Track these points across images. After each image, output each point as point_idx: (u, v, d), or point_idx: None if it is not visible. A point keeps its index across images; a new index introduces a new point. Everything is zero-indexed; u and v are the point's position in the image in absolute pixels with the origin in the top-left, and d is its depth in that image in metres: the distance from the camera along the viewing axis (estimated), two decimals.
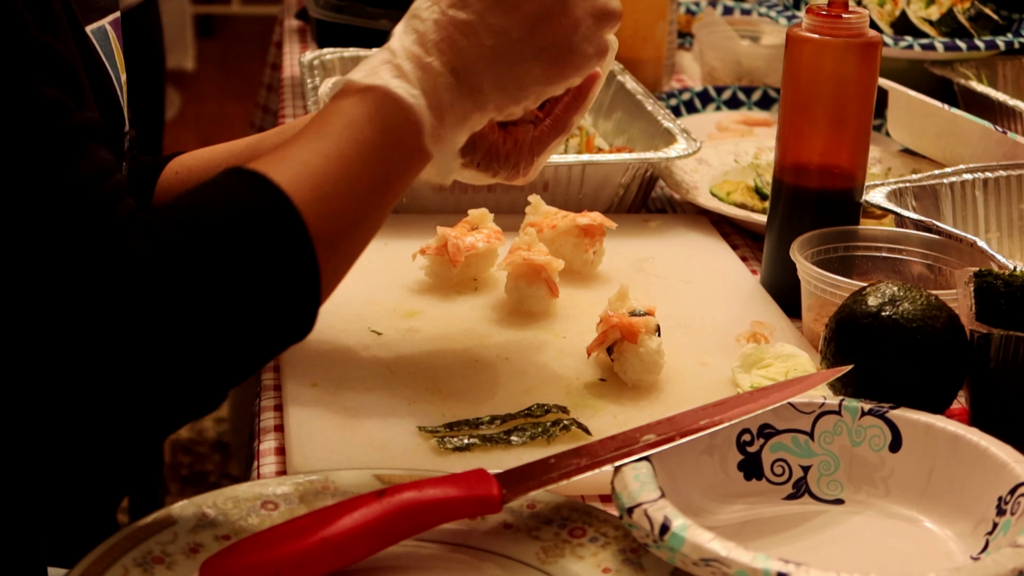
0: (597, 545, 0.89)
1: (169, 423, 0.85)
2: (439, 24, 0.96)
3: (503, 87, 0.98)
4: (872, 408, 0.96)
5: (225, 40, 5.96)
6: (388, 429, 1.04)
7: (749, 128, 1.85)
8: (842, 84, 1.23)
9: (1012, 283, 1.00)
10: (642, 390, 1.11)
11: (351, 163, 0.90)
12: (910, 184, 1.31)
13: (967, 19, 1.80)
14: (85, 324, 0.79)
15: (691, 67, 2.17)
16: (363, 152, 0.91)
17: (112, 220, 0.81)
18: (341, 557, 0.84)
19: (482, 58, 0.96)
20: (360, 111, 0.92)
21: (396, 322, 1.20)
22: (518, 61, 0.98)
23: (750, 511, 0.95)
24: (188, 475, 2.95)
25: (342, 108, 0.93)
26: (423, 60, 0.94)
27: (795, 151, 1.26)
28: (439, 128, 0.94)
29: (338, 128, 0.91)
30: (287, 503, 0.91)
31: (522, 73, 0.98)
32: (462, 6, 0.97)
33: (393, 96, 0.93)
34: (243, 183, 0.87)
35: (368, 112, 0.92)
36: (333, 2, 2.00)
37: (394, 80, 0.93)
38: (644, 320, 1.12)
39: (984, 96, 1.63)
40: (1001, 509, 0.89)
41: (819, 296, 1.18)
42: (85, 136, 0.84)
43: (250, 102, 2.77)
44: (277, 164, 0.88)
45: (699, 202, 1.49)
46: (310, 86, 1.64)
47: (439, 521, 0.87)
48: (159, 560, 0.85)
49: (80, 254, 0.79)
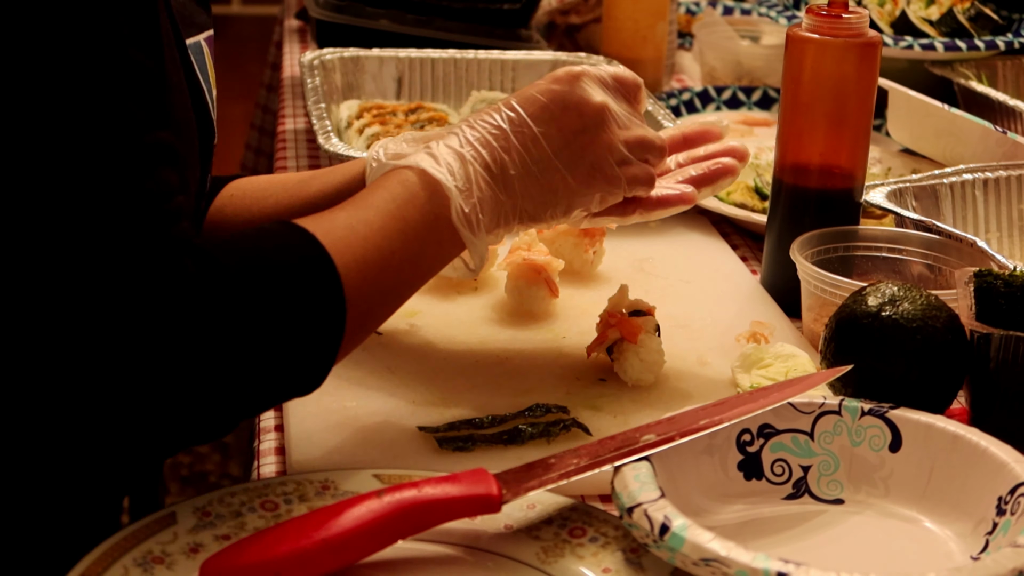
0: (597, 545, 0.89)
1: (171, 443, 0.88)
2: (478, 126, 1.02)
3: (534, 191, 1.02)
4: (872, 408, 0.96)
5: (225, 40, 5.95)
6: (388, 429, 1.04)
7: (749, 128, 1.85)
8: (842, 84, 1.23)
9: (1012, 283, 1.00)
10: (642, 390, 1.11)
11: (390, 236, 0.96)
12: (910, 184, 1.31)
13: (967, 19, 1.80)
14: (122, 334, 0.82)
15: (691, 67, 2.17)
16: (401, 228, 0.96)
17: (166, 239, 0.85)
18: (341, 557, 0.84)
19: (516, 160, 1.01)
20: (400, 189, 0.98)
21: (396, 322, 1.20)
22: (550, 169, 1.03)
23: (750, 511, 0.95)
24: (188, 475, 2.95)
25: (386, 184, 0.99)
26: (458, 150, 1.00)
27: (795, 151, 1.26)
28: (470, 211, 0.99)
29: (380, 202, 0.97)
30: (287, 503, 0.91)
31: (554, 181, 1.03)
32: (500, 115, 1.02)
33: (426, 175, 0.98)
34: (294, 236, 0.91)
35: (407, 190, 0.98)
36: (333, 2, 2.00)
37: (428, 161, 0.99)
38: (644, 320, 1.12)
39: (984, 96, 1.63)
40: (1001, 509, 0.89)
41: (819, 296, 1.18)
42: (157, 156, 0.87)
43: (250, 102, 2.77)
44: (325, 226, 0.93)
45: (699, 202, 1.48)
46: (310, 86, 1.64)
47: (439, 521, 0.87)
48: (159, 560, 0.85)
49: (131, 266, 0.83)
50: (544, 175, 1.02)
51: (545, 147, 1.02)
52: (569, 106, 1.03)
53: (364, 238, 0.94)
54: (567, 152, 1.03)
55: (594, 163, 1.04)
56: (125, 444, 0.86)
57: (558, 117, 1.03)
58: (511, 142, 1.01)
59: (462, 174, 0.99)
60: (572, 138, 1.03)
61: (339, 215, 0.95)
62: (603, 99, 1.05)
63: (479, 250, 1.01)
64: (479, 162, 1.00)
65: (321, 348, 0.91)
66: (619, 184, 1.05)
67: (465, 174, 0.99)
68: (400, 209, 0.97)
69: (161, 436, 0.86)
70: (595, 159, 1.04)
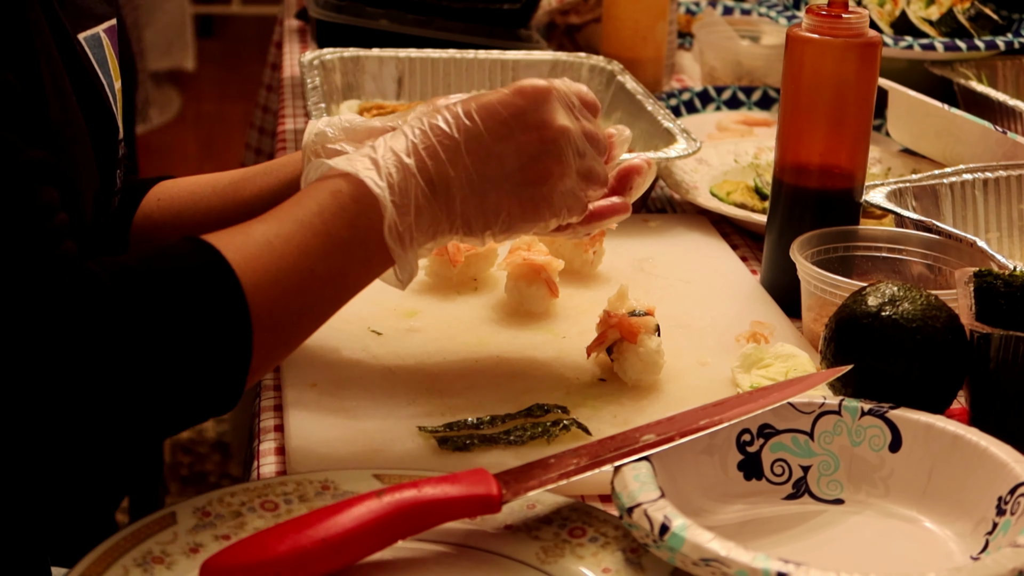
0: (597, 545, 0.89)
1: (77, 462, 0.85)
2: (427, 133, 0.96)
3: (474, 210, 0.97)
4: (872, 408, 0.96)
5: (225, 40, 5.96)
6: (388, 429, 1.04)
7: (749, 128, 1.85)
8: (842, 84, 1.23)
9: (1012, 283, 1.00)
10: (642, 390, 1.11)
11: (311, 253, 0.91)
12: (910, 184, 1.31)
13: (967, 19, 1.80)
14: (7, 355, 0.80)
15: (691, 67, 2.17)
16: (324, 243, 0.92)
17: (48, 261, 0.83)
18: (341, 557, 0.84)
19: (463, 178, 0.96)
20: (329, 201, 0.93)
21: (396, 322, 1.21)
22: (495, 190, 0.98)
23: (750, 511, 0.95)
24: (188, 475, 2.95)
25: (315, 194, 0.93)
26: (402, 160, 0.95)
27: (795, 151, 1.26)
28: (404, 228, 0.94)
29: (306, 215, 0.92)
30: (287, 503, 0.91)
31: (496, 203, 0.98)
32: (457, 121, 0.97)
33: (363, 186, 0.93)
34: (197, 253, 0.88)
35: (337, 202, 0.93)
36: (333, 2, 2.01)
37: (365, 170, 0.94)
38: (644, 320, 1.12)
39: (984, 96, 1.63)
40: (1001, 509, 0.89)
41: (819, 296, 1.18)
42: (32, 176, 0.85)
43: (250, 102, 2.77)
44: (235, 240, 0.89)
45: (699, 202, 1.49)
46: (310, 86, 1.64)
47: (439, 521, 0.87)
48: (159, 560, 0.85)
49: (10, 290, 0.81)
50: (489, 196, 0.97)
51: (496, 167, 0.97)
52: (530, 126, 0.98)
53: (280, 255, 0.89)
54: (519, 175, 0.98)
55: (543, 192, 0.99)
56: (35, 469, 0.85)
57: (516, 136, 0.97)
58: (461, 158, 0.96)
59: (401, 188, 0.94)
60: (527, 161, 0.98)
61: (257, 228, 0.91)
62: (565, 123, 0.99)
63: (409, 266, 0.96)
64: (423, 175, 0.95)
65: (227, 369, 0.87)
66: (559, 215, 1.01)
67: (404, 188, 0.94)
68: (326, 224, 0.92)
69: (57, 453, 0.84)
70: (545, 188, 0.99)
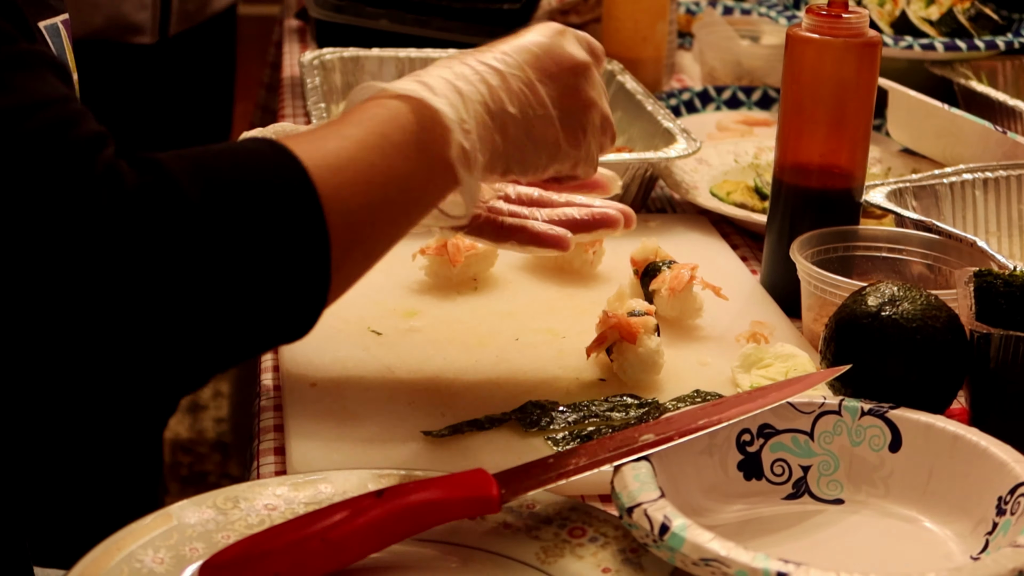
0: (597, 545, 0.89)
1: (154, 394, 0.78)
2: (472, 64, 0.96)
3: (525, 141, 0.97)
4: (872, 408, 0.96)
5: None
6: (388, 429, 1.04)
7: (749, 128, 1.85)
8: (842, 84, 1.23)
9: (1012, 283, 1.00)
10: (642, 390, 1.11)
11: (377, 155, 0.87)
12: (910, 184, 1.31)
13: (967, 19, 1.80)
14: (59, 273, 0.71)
15: (691, 67, 2.17)
16: (388, 149, 0.87)
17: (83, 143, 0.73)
18: (341, 557, 0.84)
19: (516, 104, 0.96)
20: (391, 113, 0.90)
21: (396, 322, 1.21)
22: (545, 120, 0.98)
23: (750, 511, 0.95)
24: (188, 475, 2.95)
25: (374, 108, 0.90)
26: (456, 85, 0.93)
27: (795, 151, 1.26)
28: (468, 150, 0.92)
29: (369, 123, 0.88)
30: (287, 503, 0.91)
31: (546, 134, 0.99)
32: (500, 57, 0.97)
33: (425, 103, 0.91)
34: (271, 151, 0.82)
35: (400, 115, 0.90)
36: (333, 2, 2.00)
37: (426, 92, 0.91)
38: (643, 320, 1.12)
39: (984, 96, 1.63)
40: (1001, 509, 0.89)
41: (819, 296, 1.18)
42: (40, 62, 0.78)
43: (250, 102, 2.77)
44: (305, 144, 0.84)
45: (699, 202, 1.49)
46: (310, 86, 1.64)
47: (438, 521, 0.87)
48: (159, 560, 0.85)
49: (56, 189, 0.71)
50: (539, 124, 0.98)
51: (543, 95, 0.98)
52: (561, 60, 0.99)
53: (348, 157, 0.85)
54: (560, 105, 0.99)
55: (581, 122, 1.00)
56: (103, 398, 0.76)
57: (550, 68, 0.98)
58: (510, 84, 0.96)
59: (461, 108, 0.92)
60: (564, 91, 0.99)
61: (319, 133, 0.87)
62: (587, 58, 1.01)
63: (472, 193, 0.93)
64: (478, 99, 0.93)
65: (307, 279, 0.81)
66: (589, 154, 1.02)
67: (464, 110, 0.92)
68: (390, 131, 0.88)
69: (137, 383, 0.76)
70: (581, 118, 1.00)
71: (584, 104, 1.01)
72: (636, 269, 1.27)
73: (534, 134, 0.98)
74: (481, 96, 0.94)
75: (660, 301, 1.21)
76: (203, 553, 0.85)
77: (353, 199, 0.84)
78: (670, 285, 1.21)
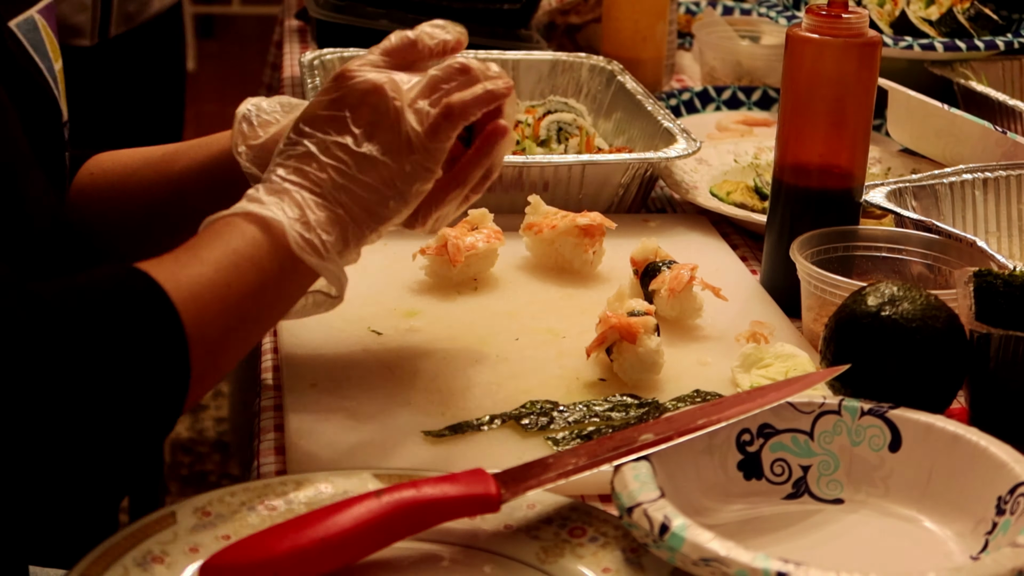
0: (597, 545, 0.89)
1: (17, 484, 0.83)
2: (286, 163, 0.98)
3: (363, 192, 0.98)
4: (872, 408, 0.96)
5: (225, 40, 5.96)
6: (388, 429, 1.04)
7: (749, 128, 1.85)
8: (842, 84, 1.23)
9: (1012, 283, 1.00)
10: (642, 390, 1.11)
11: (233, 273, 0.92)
12: (910, 184, 1.31)
13: (967, 19, 1.80)
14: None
15: (691, 67, 2.17)
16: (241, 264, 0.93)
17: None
18: (341, 557, 0.84)
19: (333, 170, 0.97)
20: (237, 229, 0.94)
21: (396, 322, 1.21)
22: (366, 163, 0.98)
23: (750, 511, 0.95)
24: (188, 475, 2.95)
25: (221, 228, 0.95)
26: (280, 187, 0.96)
27: (795, 151, 1.26)
28: (309, 239, 0.95)
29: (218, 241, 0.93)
30: (287, 503, 0.91)
31: (376, 172, 0.98)
32: (299, 137, 0.99)
33: (254, 215, 0.94)
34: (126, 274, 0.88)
35: (245, 229, 0.94)
36: (333, 2, 2.01)
37: (253, 205, 0.95)
38: (643, 320, 1.12)
39: (984, 96, 1.63)
40: (1001, 509, 0.89)
41: (819, 296, 1.18)
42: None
43: None
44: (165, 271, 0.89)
45: (699, 202, 1.49)
46: (310, 86, 1.64)
47: (438, 520, 0.87)
48: (159, 560, 0.85)
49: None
50: (364, 171, 0.98)
51: (351, 146, 0.98)
52: (351, 102, 0.99)
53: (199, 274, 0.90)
54: (373, 140, 0.99)
55: (401, 134, 0.99)
56: None
57: (347, 117, 0.99)
58: (320, 159, 0.97)
59: (288, 205, 0.95)
60: (369, 127, 0.99)
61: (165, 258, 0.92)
62: (377, 76, 1.00)
63: (334, 272, 0.97)
64: (303, 188, 0.96)
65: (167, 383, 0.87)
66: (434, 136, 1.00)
67: (293, 202, 0.96)
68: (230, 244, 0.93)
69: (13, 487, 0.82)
70: (399, 130, 0.99)
71: (391, 120, 0.99)
72: (636, 269, 1.27)
73: (368, 182, 0.98)
74: (305, 185, 0.97)
75: (660, 301, 1.21)
76: (203, 553, 0.85)
77: (213, 323, 0.90)
78: (670, 285, 1.21)
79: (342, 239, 0.97)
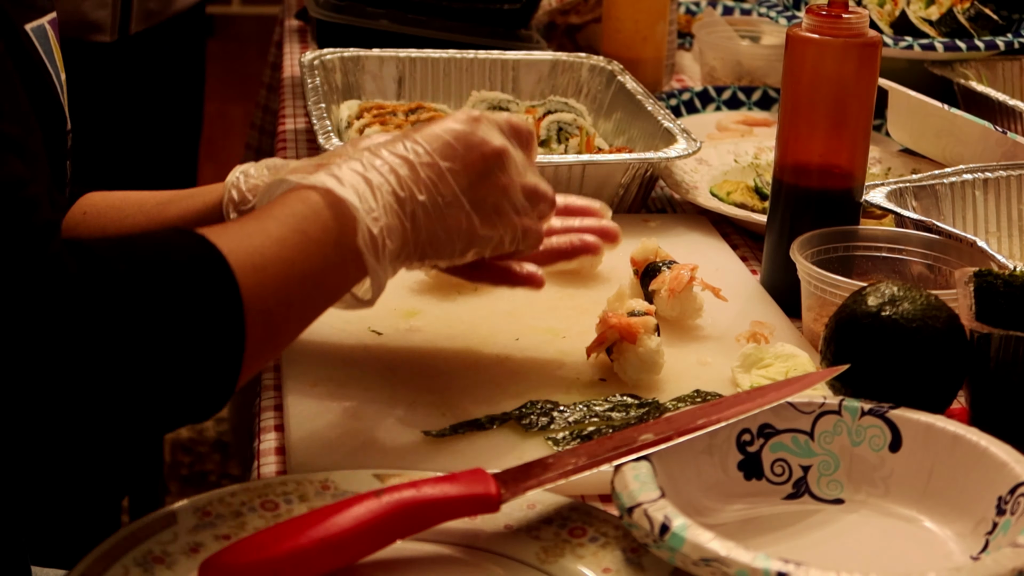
0: (597, 545, 0.89)
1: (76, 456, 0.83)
2: (382, 155, 0.98)
3: (438, 228, 0.99)
4: (872, 408, 0.96)
5: (225, 40, 5.96)
6: (388, 429, 1.04)
7: (749, 128, 1.85)
8: (842, 84, 1.23)
9: (1012, 283, 1.00)
10: (642, 390, 1.11)
11: (297, 253, 0.91)
12: (910, 184, 1.31)
13: (967, 19, 1.80)
14: None
15: (691, 67, 2.17)
16: (307, 246, 0.92)
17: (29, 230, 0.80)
18: (341, 557, 0.84)
19: (424, 193, 0.98)
20: (310, 208, 0.93)
21: (396, 322, 1.21)
22: (456, 207, 1.00)
23: (750, 511, 0.95)
24: (188, 475, 2.95)
25: (293, 203, 0.94)
26: (366, 176, 0.96)
27: (795, 151, 1.26)
28: (375, 235, 0.95)
29: (290, 219, 0.93)
30: (287, 503, 0.91)
31: (459, 220, 1.00)
32: (411, 147, 0.99)
33: (333, 194, 0.94)
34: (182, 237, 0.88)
35: (317, 209, 0.93)
36: (333, 2, 2.01)
37: (335, 184, 0.95)
38: (643, 320, 1.12)
39: (984, 96, 1.63)
40: (1001, 509, 0.89)
41: (819, 296, 1.18)
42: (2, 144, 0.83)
43: (250, 102, 2.77)
44: (230, 240, 0.89)
45: (699, 202, 1.49)
46: (310, 86, 1.64)
47: (438, 520, 0.87)
48: (159, 560, 0.85)
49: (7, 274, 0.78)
50: (450, 212, 0.99)
51: (452, 184, 0.99)
52: (472, 146, 1.01)
53: (261, 246, 0.90)
54: (472, 192, 1.00)
55: (496, 206, 1.02)
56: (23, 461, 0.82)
57: (462, 156, 1.00)
58: (419, 174, 0.98)
59: (370, 197, 0.95)
60: (476, 179, 1.01)
61: (233, 225, 0.92)
62: (503, 143, 1.03)
63: (380, 279, 0.97)
64: (386, 189, 0.96)
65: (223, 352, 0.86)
66: (516, 232, 1.04)
67: (373, 198, 0.95)
68: (301, 223, 0.92)
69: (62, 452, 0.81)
70: (497, 202, 1.02)
71: (499, 189, 1.02)
72: (636, 269, 1.27)
73: (445, 222, 0.99)
74: (390, 186, 0.97)
75: (660, 301, 1.21)
76: (203, 553, 0.85)
77: (272, 297, 0.89)
78: (670, 285, 1.21)
79: (398, 253, 0.98)
